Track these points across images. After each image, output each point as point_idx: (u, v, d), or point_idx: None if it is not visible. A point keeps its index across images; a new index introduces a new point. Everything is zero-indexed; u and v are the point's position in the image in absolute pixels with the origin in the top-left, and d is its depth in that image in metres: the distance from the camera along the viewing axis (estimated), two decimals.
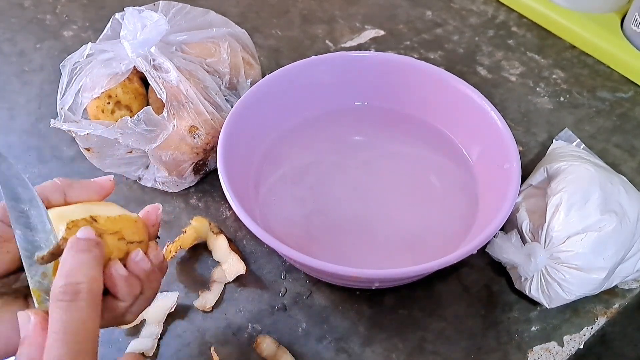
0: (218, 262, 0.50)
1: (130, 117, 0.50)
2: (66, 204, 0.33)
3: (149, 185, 0.54)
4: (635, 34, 0.67)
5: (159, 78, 0.51)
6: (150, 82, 0.51)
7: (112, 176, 0.36)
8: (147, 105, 0.54)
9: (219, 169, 0.46)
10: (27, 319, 0.28)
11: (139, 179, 0.54)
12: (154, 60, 0.51)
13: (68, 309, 0.27)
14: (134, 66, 0.52)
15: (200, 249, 0.51)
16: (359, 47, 0.71)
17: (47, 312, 0.28)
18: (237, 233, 0.53)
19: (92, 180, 0.35)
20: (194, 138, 0.51)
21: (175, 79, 0.51)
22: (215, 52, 0.55)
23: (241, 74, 0.56)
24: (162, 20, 0.50)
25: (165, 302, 0.47)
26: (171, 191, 0.55)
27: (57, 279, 0.28)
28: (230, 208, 0.53)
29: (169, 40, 0.53)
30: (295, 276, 0.50)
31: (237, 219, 0.49)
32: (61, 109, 0.53)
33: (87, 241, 0.30)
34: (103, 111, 0.52)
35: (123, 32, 0.51)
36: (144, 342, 0.46)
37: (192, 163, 0.53)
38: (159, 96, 0.51)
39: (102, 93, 0.52)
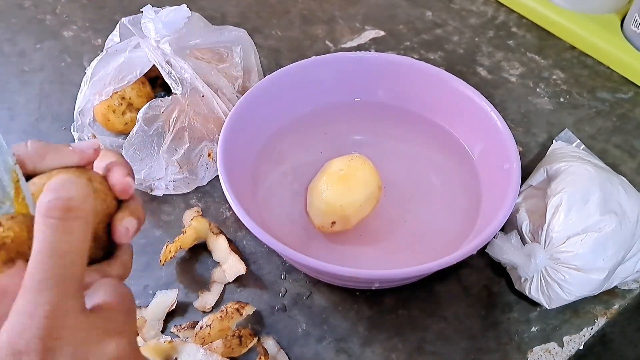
0: (218, 262, 0.50)
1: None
2: (35, 173, 0.29)
3: (161, 194, 0.54)
4: (635, 35, 0.67)
5: (174, 74, 0.52)
6: (164, 76, 0.51)
7: (99, 142, 0.30)
8: None
9: (219, 170, 0.46)
10: None
11: (151, 189, 0.54)
12: (169, 61, 0.52)
13: (57, 228, 0.23)
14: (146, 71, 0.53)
15: (200, 249, 0.51)
16: (359, 48, 0.71)
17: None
18: (237, 233, 0.53)
19: (71, 146, 0.30)
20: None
21: (190, 76, 0.51)
22: (227, 57, 0.55)
23: (253, 78, 0.57)
24: (183, 7, 0.51)
25: (165, 299, 0.47)
26: (183, 192, 0.55)
27: (46, 192, 0.24)
28: (230, 208, 0.53)
29: (183, 45, 0.54)
30: (295, 276, 0.50)
31: (237, 219, 0.49)
32: (79, 113, 0.54)
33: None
34: (114, 111, 0.53)
35: (144, 19, 0.52)
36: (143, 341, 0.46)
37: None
38: (174, 91, 0.51)
39: (114, 94, 0.52)
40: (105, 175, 0.30)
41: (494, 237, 0.45)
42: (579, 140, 0.57)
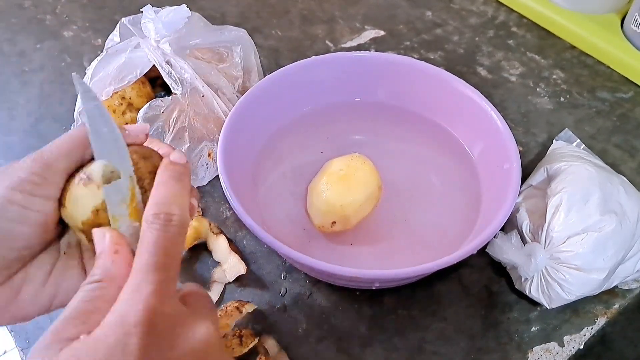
0: (218, 262, 0.50)
1: None
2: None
3: None
4: (635, 35, 0.67)
5: (174, 74, 0.52)
6: (164, 76, 0.51)
7: (148, 126, 0.35)
8: None
9: (219, 170, 0.46)
10: (102, 235, 0.29)
11: None
12: (169, 61, 0.52)
13: (160, 230, 0.29)
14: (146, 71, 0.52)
15: (200, 249, 0.51)
16: (359, 48, 0.71)
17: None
18: (237, 233, 0.53)
19: (126, 129, 0.34)
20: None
21: (191, 76, 0.51)
22: (227, 57, 0.56)
23: (253, 78, 0.57)
24: (183, 7, 0.51)
25: None
26: None
27: (149, 207, 0.29)
28: (230, 208, 0.53)
29: (183, 45, 0.54)
30: (296, 276, 0.50)
31: (237, 219, 0.49)
32: (79, 113, 0.54)
33: (180, 167, 0.31)
34: (114, 111, 0.53)
35: (144, 19, 0.52)
36: None
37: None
38: (174, 91, 0.51)
39: (114, 94, 0.52)
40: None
41: (494, 237, 0.46)
42: (579, 140, 0.57)
